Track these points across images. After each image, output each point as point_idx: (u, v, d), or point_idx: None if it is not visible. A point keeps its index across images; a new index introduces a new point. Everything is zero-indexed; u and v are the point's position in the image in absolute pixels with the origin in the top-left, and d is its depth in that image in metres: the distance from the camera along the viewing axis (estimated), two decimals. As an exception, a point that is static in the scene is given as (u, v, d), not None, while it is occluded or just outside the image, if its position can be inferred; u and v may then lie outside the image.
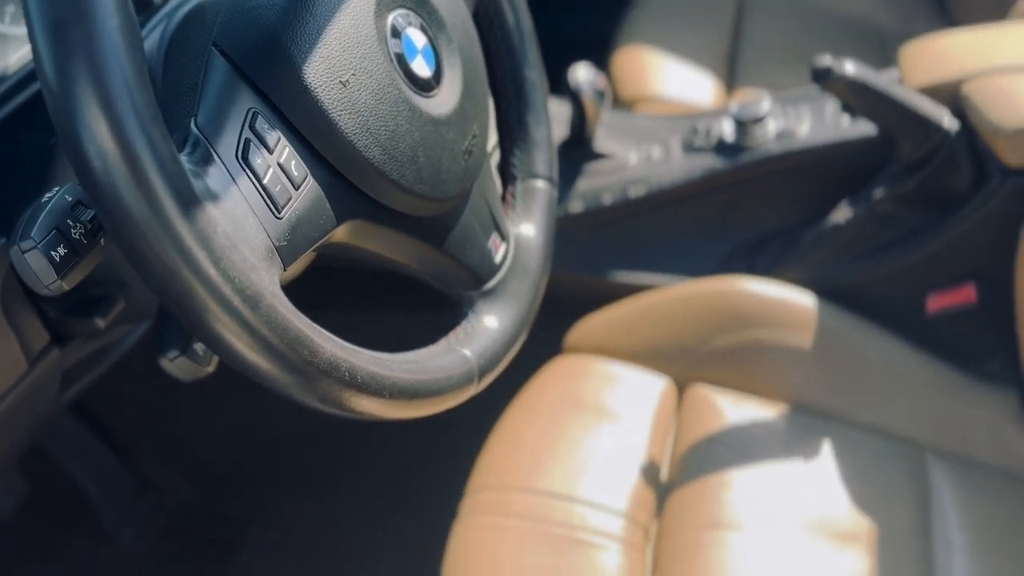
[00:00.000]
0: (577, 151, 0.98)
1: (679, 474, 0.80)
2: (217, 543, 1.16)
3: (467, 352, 0.51)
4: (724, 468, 0.78)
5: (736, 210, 0.96)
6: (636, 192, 0.94)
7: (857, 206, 0.86)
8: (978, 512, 0.77)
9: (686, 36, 1.30)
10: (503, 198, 0.62)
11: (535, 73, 0.62)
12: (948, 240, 0.82)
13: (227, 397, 1.17)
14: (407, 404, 0.45)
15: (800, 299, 0.86)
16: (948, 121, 0.82)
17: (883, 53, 1.22)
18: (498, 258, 0.56)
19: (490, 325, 0.54)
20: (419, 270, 0.52)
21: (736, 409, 0.83)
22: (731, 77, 1.29)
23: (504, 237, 0.57)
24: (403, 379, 0.44)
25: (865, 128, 0.88)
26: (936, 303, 0.84)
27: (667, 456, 0.83)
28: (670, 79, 1.24)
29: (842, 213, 0.87)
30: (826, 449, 0.80)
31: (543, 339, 0.94)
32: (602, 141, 0.99)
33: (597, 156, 0.98)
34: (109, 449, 1.19)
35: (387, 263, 0.50)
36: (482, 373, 0.51)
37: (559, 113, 1.00)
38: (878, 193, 0.84)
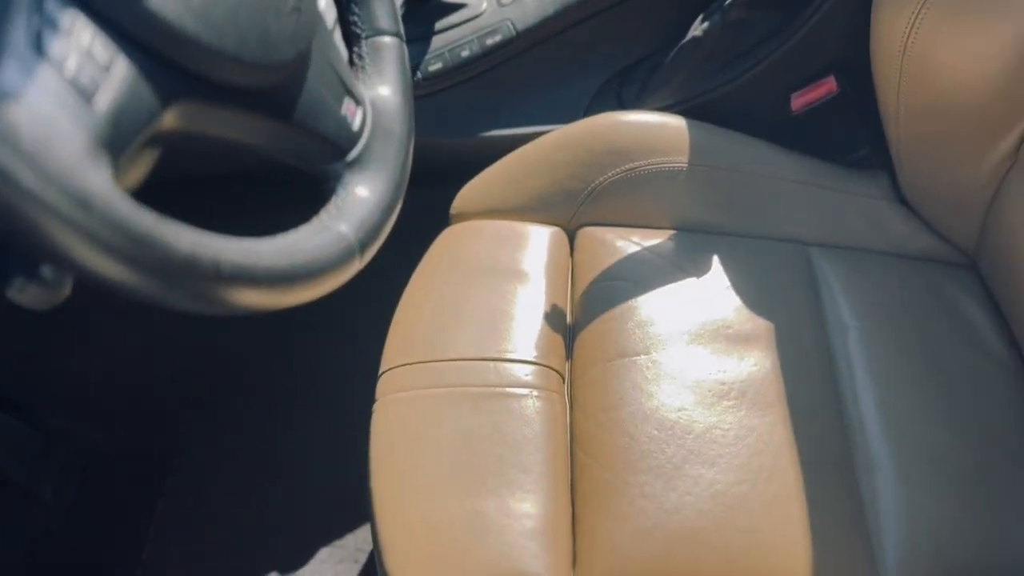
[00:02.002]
0: (426, 7, 0.94)
1: (582, 314, 0.81)
2: (141, 479, 1.14)
3: (343, 227, 0.48)
4: (623, 300, 0.80)
5: (598, 45, 0.94)
6: (493, 40, 0.91)
7: (711, 17, 0.85)
8: (864, 295, 0.81)
9: None
10: (351, 62, 0.59)
11: None
12: (803, 36, 0.82)
13: (114, 331, 1.12)
14: (286, 290, 0.43)
15: (670, 122, 0.86)
16: (788, -86, 0.81)
17: None
18: (356, 125, 0.53)
19: (362, 195, 0.52)
20: (272, 149, 0.48)
21: (626, 242, 0.84)
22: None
23: (359, 102, 0.54)
24: (277, 264, 0.42)
25: (710, -65, 0.87)
26: (800, 101, 0.85)
27: (568, 300, 0.84)
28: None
29: (698, 28, 0.86)
30: (716, 263, 0.82)
31: (432, 213, 0.92)
32: (450, -7, 0.94)
33: (447, 9, 0.94)
34: (2, 410, 1.13)
35: (236, 147, 0.47)
36: (363, 246, 0.49)
37: (400, -30, 0.94)
38: (730, 0, 0.84)
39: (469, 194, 0.91)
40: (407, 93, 0.59)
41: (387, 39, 0.59)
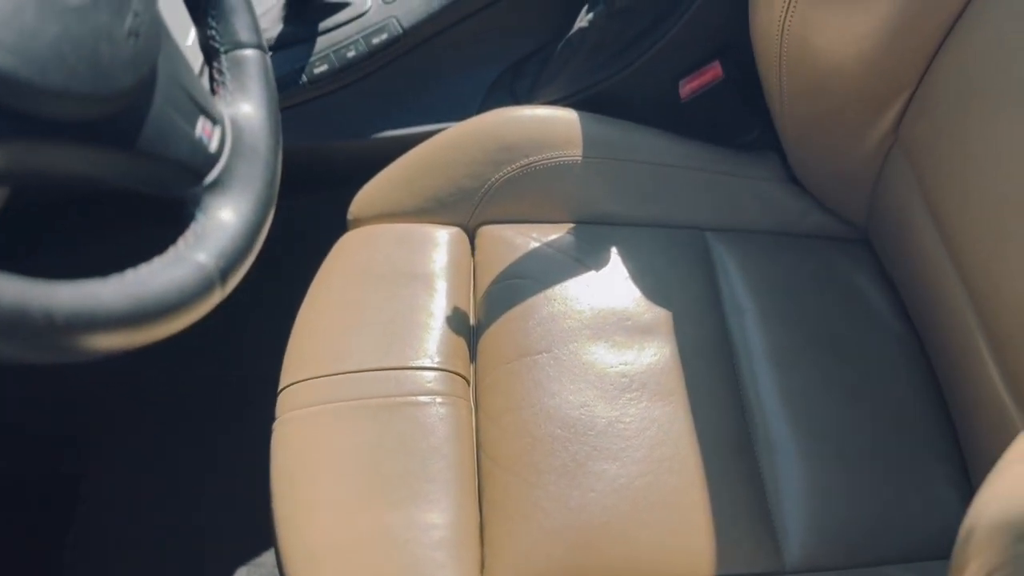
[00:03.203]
0: (307, 7, 0.91)
1: (485, 315, 0.80)
2: (51, 506, 1.10)
3: (201, 256, 0.46)
4: (524, 298, 0.79)
5: (487, 39, 0.93)
6: (380, 39, 0.89)
7: (597, 8, 0.85)
8: (760, 276, 0.82)
9: None
10: (211, 77, 0.56)
11: None
12: (687, 23, 0.82)
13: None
14: (135, 331, 0.40)
15: (562, 116, 0.85)
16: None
17: None
18: (214, 146, 0.51)
19: (225, 219, 0.50)
20: (118, 180, 0.46)
21: (526, 239, 0.84)
22: None
23: (216, 121, 0.52)
24: (120, 306, 0.40)
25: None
26: (688, 88, 0.86)
27: (471, 301, 0.83)
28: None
29: (585, 18, 0.86)
30: (614, 254, 0.82)
31: (329, 219, 0.90)
32: (332, -9, 0.92)
33: (331, 8, 0.92)
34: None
35: (75, 182, 0.44)
36: (224, 275, 0.47)
37: (279, -30, 0.92)
38: (613, -11, 0.83)
39: (365, 198, 0.89)
40: (272, 107, 0.56)
41: (248, 52, 0.57)
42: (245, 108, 0.55)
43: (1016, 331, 0.61)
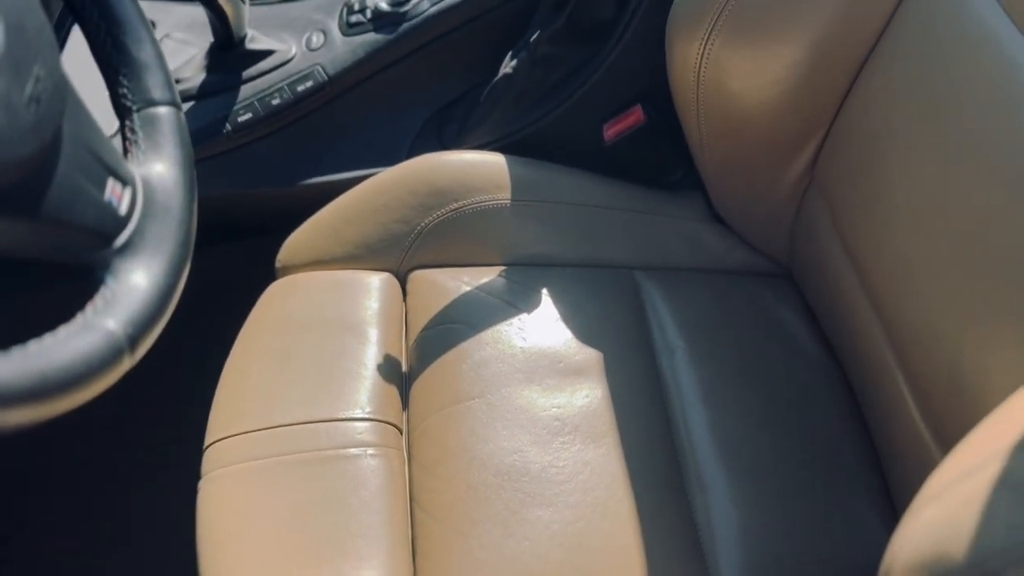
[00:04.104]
0: (231, 55, 0.90)
1: (417, 362, 0.79)
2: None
3: (110, 323, 0.45)
4: (457, 343, 0.79)
5: (414, 86, 0.93)
6: (304, 86, 0.89)
7: (520, 54, 0.86)
8: (688, 314, 0.83)
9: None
10: (123, 136, 0.55)
11: None
12: (608, 68, 0.84)
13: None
14: (36, 407, 0.39)
15: (490, 160, 0.86)
16: (582, -51, 0.82)
17: None
18: (124, 208, 0.50)
19: (137, 283, 0.49)
20: (22, 251, 0.45)
21: (457, 283, 0.84)
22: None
23: (126, 182, 0.51)
24: (19, 382, 0.38)
25: (513, -28, 0.87)
26: (611, 131, 0.87)
27: (403, 348, 0.82)
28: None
29: (509, 65, 0.87)
30: (546, 295, 0.82)
31: (257, 267, 0.89)
32: (256, 39, 0.91)
33: (255, 56, 0.91)
34: None
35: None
36: (134, 342, 0.46)
37: (200, 17, 0.91)
38: (535, 37, 0.85)
39: (294, 245, 0.88)
40: (186, 164, 0.56)
41: (161, 110, 0.56)
42: (158, 167, 0.54)
43: (928, 366, 0.63)
